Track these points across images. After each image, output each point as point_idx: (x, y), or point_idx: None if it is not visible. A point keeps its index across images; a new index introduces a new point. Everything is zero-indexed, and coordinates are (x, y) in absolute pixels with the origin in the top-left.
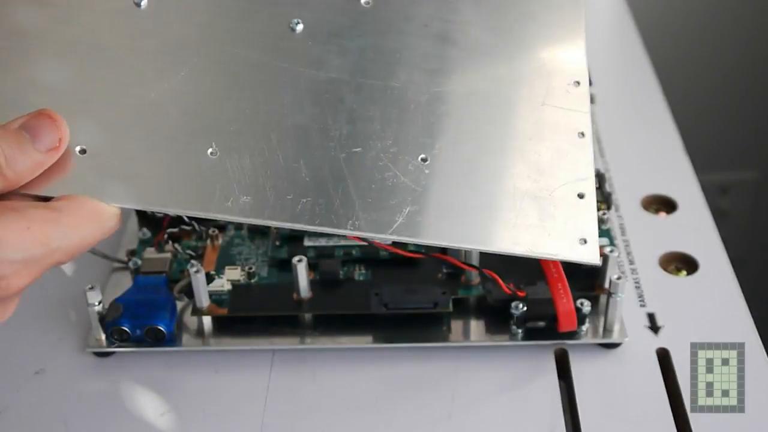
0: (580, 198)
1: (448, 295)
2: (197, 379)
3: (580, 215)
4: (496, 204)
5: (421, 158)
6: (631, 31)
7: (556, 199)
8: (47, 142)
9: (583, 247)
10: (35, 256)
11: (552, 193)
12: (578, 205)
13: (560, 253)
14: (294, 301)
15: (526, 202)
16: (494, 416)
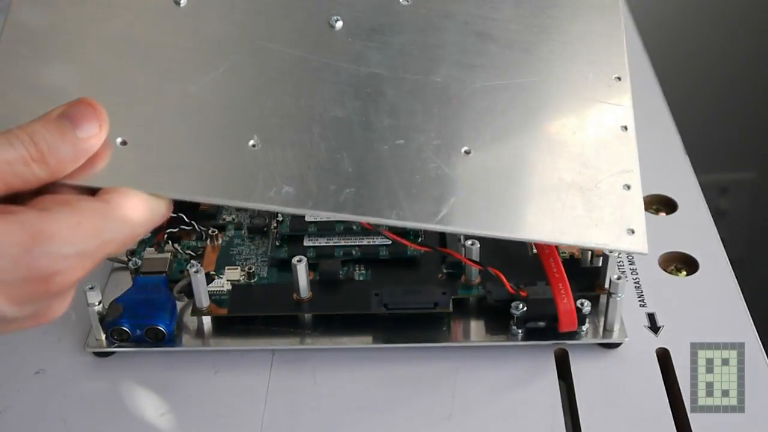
0: (626, 189)
1: (448, 295)
2: (197, 379)
3: (626, 206)
4: (542, 195)
5: (465, 151)
6: (631, 31)
7: (601, 191)
8: (88, 128)
9: (631, 237)
10: (88, 250)
11: (597, 184)
12: (624, 196)
13: (609, 243)
14: (294, 301)
15: (572, 194)
16: (494, 416)
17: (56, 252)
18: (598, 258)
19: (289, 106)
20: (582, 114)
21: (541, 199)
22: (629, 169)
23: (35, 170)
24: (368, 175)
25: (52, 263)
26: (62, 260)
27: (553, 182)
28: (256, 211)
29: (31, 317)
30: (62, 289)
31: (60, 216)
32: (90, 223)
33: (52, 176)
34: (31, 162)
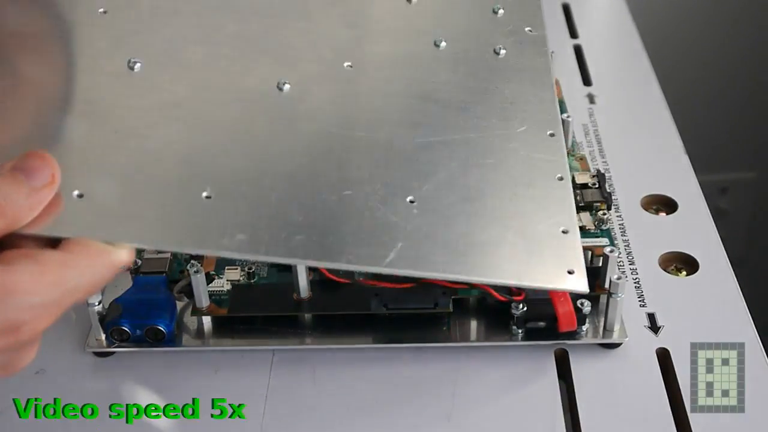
0: (564, 234)
1: (448, 295)
2: (197, 379)
3: (565, 249)
4: (484, 240)
5: (409, 200)
6: (631, 31)
7: (541, 237)
8: (41, 177)
9: (571, 277)
10: (53, 299)
11: (536, 232)
12: (562, 240)
13: (549, 284)
14: (294, 301)
15: (514, 239)
16: (494, 416)
17: (21, 304)
18: (598, 258)
19: (241, 161)
20: (520, 168)
21: (484, 244)
22: (567, 215)
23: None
24: (317, 223)
25: (19, 314)
26: (28, 311)
27: (495, 228)
28: None
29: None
30: (31, 339)
31: (23, 268)
32: (53, 273)
33: (9, 227)
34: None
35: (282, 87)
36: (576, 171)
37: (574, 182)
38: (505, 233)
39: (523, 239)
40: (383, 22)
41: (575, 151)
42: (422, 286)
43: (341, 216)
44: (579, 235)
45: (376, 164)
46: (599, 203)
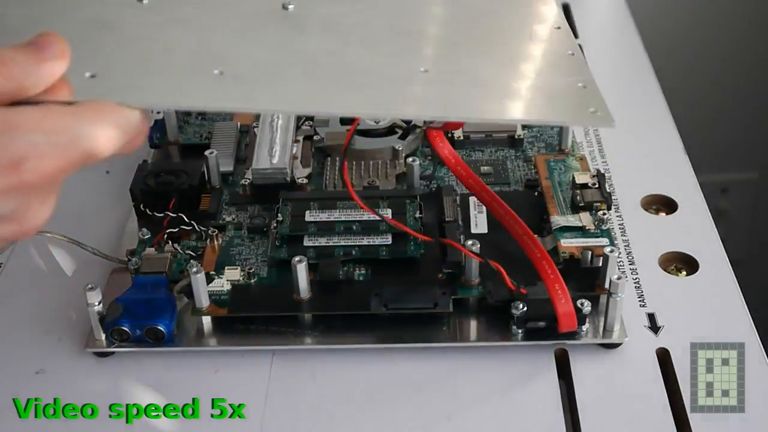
0: (583, 87)
1: (448, 295)
2: (197, 379)
3: (585, 97)
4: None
5: (422, 70)
6: (631, 31)
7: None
8: (52, 50)
9: (595, 115)
10: (58, 141)
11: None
12: (582, 91)
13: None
14: (294, 301)
15: (534, 91)
16: (494, 416)
17: (22, 139)
18: (598, 258)
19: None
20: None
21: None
22: (583, 74)
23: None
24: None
25: (20, 149)
26: (30, 147)
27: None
28: (256, 211)
29: (11, 219)
30: (36, 180)
31: (25, 109)
32: (58, 115)
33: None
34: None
35: (287, 6)
36: (576, 171)
37: (574, 182)
38: (523, 88)
39: (542, 92)
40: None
41: (575, 151)
42: (422, 286)
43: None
44: (598, 88)
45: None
46: (599, 203)
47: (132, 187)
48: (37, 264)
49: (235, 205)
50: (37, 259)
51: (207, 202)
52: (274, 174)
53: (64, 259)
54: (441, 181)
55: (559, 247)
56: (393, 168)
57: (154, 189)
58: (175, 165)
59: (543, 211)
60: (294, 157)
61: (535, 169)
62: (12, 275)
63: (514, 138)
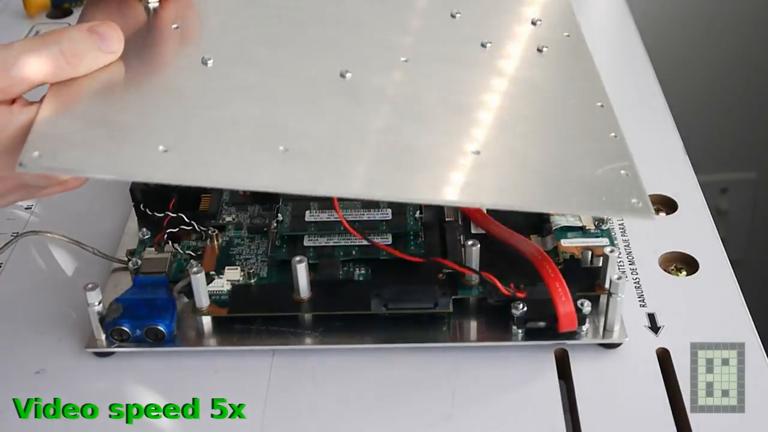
0: (626, 176)
1: (449, 295)
2: (197, 379)
3: (627, 186)
4: (550, 181)
5: (473, 151)
6: (631, 31)
7: (603, 179)
8: (112, 46)
9: (638, 207)
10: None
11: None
12: (624, 179)
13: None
14: (294, 301)
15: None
16: (494, 416)
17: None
18: (598, 258)
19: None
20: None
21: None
22: (624, 162)
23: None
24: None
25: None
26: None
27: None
28: (256, 211)
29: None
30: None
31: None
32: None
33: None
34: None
35: (345, 75)
36: None
37: None
38: (570, 170)
39: (585, 182)
40: (431, 29)
41: None
42: (422, 286)
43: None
44: (640, 177)
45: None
46: None
47: (132, 187)
48: (37, 264)
49: (235, 205)
50: (37, 259)
51: (207, 202)
52: None
53: (64, 259)
54: None
55: (559, 247)
56: None
57: (154, 189)
58: None
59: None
60: None
61: None
62: (12, 275)
63: None
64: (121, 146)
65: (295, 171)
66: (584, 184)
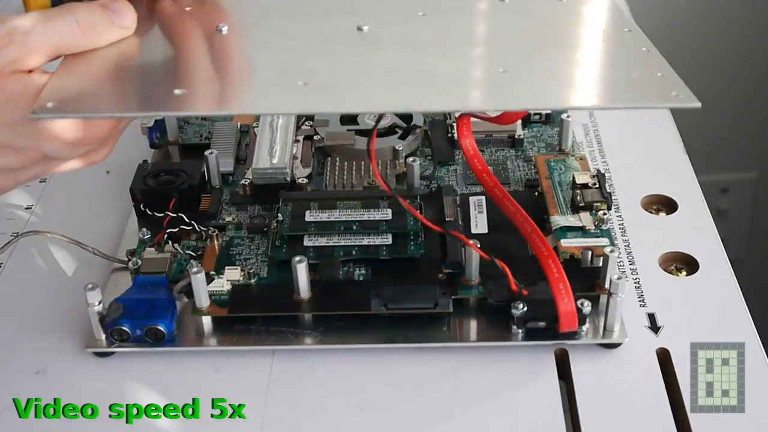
0: (663, 76)
1: (449, 295)
2: (197, 379)
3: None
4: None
5: (501, 71)
6: None
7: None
8: (126, 20)
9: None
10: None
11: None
12: (662, 80)
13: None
14: (294, 301)
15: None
16: (494, 416)
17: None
18: (598, 258)
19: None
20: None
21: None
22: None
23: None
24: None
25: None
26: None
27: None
28: (256, 211)
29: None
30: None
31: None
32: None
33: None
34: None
35: (362, 28)
36: (576, 171)
37: (574, 182)
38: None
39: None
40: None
41: (575, 151)
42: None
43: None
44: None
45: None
46: (599, 203)
47: (132, 187)
48: (37, 264)
49: (235, 205)
50: (37, 259)
51: (207, 202)
52: (274, 174)
53: (64, 259)
54: (441, 180)
55: (559, 247)
56: (393, 168)
57: (154, 189)
58: (175, 165)
59: (543, 211)
60: (294, 157)
61: (536, 169)
62: (12, 275)
63: (514, 138)
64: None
65: (317, 97)
66: (621, 84)
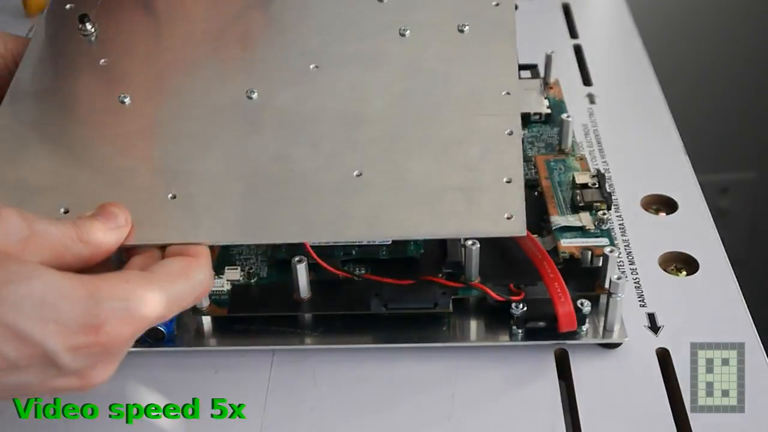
0: (508, 183)
1: (448, 295)
2: (197, 379)
3: (506, 196)
4: (424, 199)
5: (356, 174)
6: (631, 31)
7: (483, 188)
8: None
9: (509, 222)
10: (135, 307)
11: (479, 184)
12: (504, 188)
13: (486, 230)
14: (294, 301)
15: (454, 194)
16: (494, 416)
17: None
18: (598, 258)
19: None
20: (469, 126)
21: (423, 203)
22: (511, 166)
23: (80, 247)
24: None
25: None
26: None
27: (436, 188)
28: None
29: (77, 373)
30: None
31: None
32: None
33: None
34: (77, 240)
35: (251, 95)
36: (576, 171)
37: (574, 182)
38: (446, 191)
39: (463, 194)
40: (352, 23)
41: (575, 151)
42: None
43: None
44: (522, 183)
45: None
46: (599, 203)
47: None
48: None
49: None
50: None
51: None
52: None
53: None
54: None
55: (559, 247)
56: None
57: None
58: None
59: (543, 211)
60: None
61: (535, 169)
62: None
63: None
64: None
65: (177, 220)
66: (463, 200)
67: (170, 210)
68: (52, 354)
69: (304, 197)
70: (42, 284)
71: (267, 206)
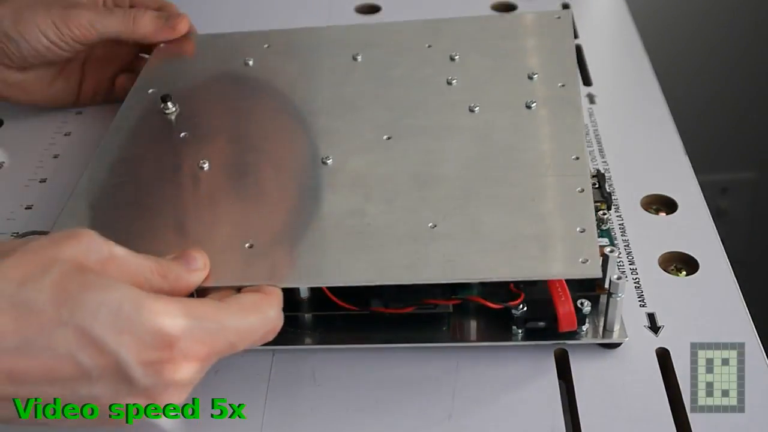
0: (581, 232)
1: (448, 295)
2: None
3: (580, 243)
4: (500, 247)
5: (431, 225)
6: (631, 31)
7: (557, 236)
8: (198, 263)
9: (585, 265)
10: (209, 328)
11: (553, 233)
12: (579, 237)
13: (562, 273)
14: (294, 301)
15: (529, 242)
16: (494, 416)
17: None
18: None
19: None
20: (540, 185)
21: (498, 250)
22: (585, 218)
23: (159, 281)
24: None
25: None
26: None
27: (511, 236)
28: None
29: (147, 392)
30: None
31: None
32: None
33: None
34: (156, 274)
35: (326, 161)
36: None
37: None
38: (521, 239)
39: (538, 242)
40: (423, 101)
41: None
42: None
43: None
44: (595, 233)
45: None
46: (599, 203)
47: None
48: None
49: None
50: None
51: None
52: None
53: None
54: None
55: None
56: None
57: None
58: None
59: None
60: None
61: None
62: None
63: None
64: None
65: (254, 266)
66: (536, 246)
67: (247, 257)
68: (124, 365)
69: (380, 245)
70: (119, 295)
71: (343, 253)
